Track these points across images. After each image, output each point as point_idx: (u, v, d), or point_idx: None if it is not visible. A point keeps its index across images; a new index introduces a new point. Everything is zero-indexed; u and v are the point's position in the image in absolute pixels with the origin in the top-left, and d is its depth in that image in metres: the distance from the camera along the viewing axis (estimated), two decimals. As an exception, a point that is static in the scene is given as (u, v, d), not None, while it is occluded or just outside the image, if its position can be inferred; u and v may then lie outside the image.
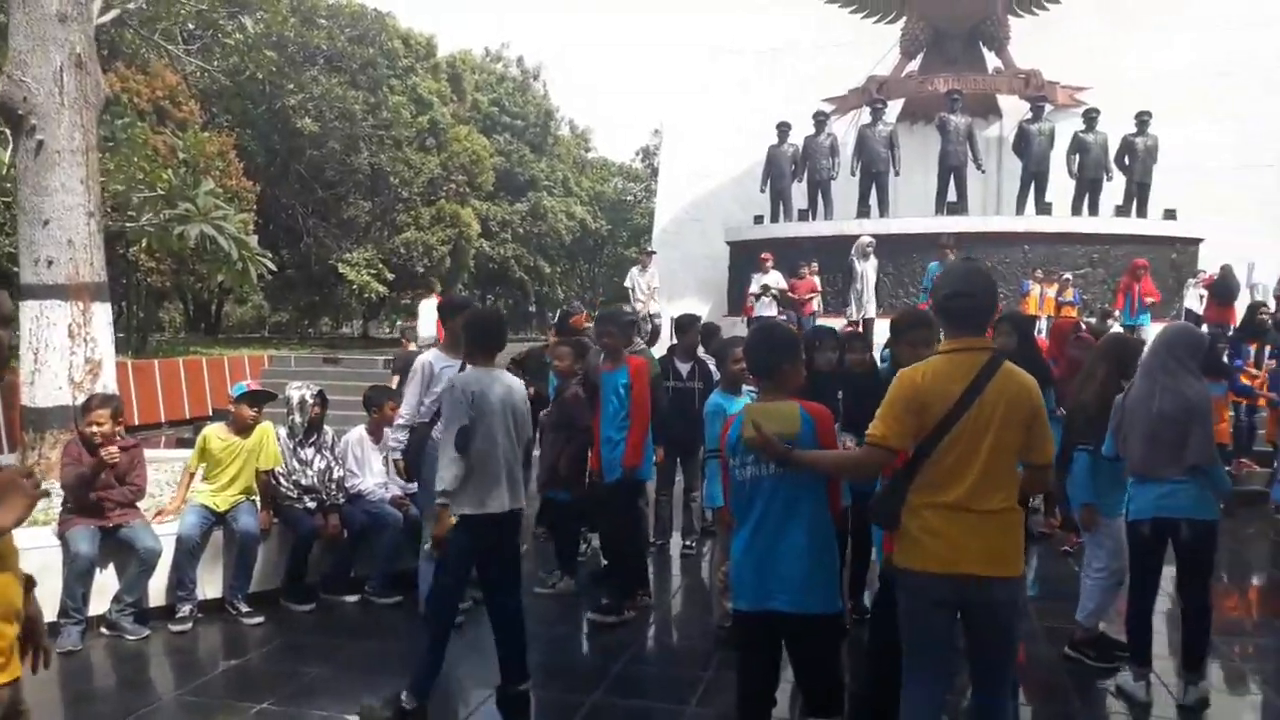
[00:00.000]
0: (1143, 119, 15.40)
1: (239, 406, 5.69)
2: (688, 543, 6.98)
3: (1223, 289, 12.84)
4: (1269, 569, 6.95)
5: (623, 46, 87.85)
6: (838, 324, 10.46)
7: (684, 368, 6.85)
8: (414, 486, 5.57)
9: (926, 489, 2.97)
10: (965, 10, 16.77)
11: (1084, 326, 8.91)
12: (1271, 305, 13.50)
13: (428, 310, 15.56)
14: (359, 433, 6.26)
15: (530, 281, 33.09)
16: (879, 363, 5.70)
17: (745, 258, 16.46)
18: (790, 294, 13.69)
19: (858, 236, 14.14)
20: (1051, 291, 13.58)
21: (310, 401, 5.93)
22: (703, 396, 6.16)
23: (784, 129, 16.69)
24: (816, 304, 13.90)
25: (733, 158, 19.79)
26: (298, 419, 5.90)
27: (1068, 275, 13.93)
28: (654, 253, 15.46)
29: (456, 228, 25.41)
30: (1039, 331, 12.99)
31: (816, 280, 14.06)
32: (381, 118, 22.60)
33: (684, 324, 7.19)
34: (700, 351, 7.32)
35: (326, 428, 6.11)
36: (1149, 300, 12.71)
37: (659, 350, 8.19)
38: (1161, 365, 4.22)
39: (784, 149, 16.67)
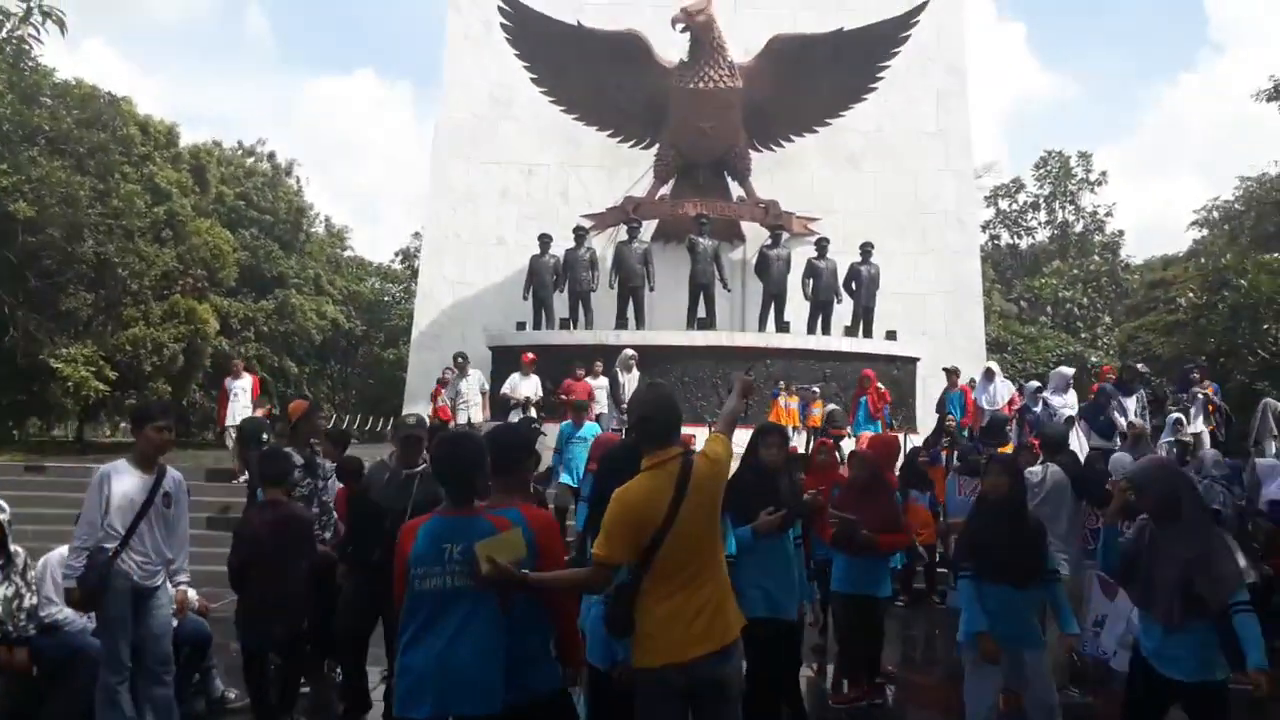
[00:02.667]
0: (866, 249, 17.11)
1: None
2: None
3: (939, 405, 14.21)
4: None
5: (385, 148, 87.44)
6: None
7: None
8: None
9: (654, 591, 3.28)
10: (712, 143, 18.05)
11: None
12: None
13: (243, 391, 14.28)
14: (60, 554, 5.50)
15: (275, 382, 31.25)
16: None
17: (508, 363, 16.44)
18: (564, 395, 13.51)
19: (617, 346, 14.53)
20: (794, 403, 14.34)
21: None
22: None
23: (546, 240, 17.08)
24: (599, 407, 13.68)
25: (494, 265, 20.01)
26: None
27: (815, 388, 14.80)
28: (467, 358, 15.07)
29: (192, 324, 23.69)
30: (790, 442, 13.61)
31: (597, 381, 13.93)
32: (112, 206, 20.87)
33: (432, 431, 7.02)
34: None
35: (18, 549, 5.33)
36: (884, 405, 13.81)
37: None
38: None
39: (546, 260, 17.02)
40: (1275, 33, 51.91)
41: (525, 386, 14.27)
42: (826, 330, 16.78)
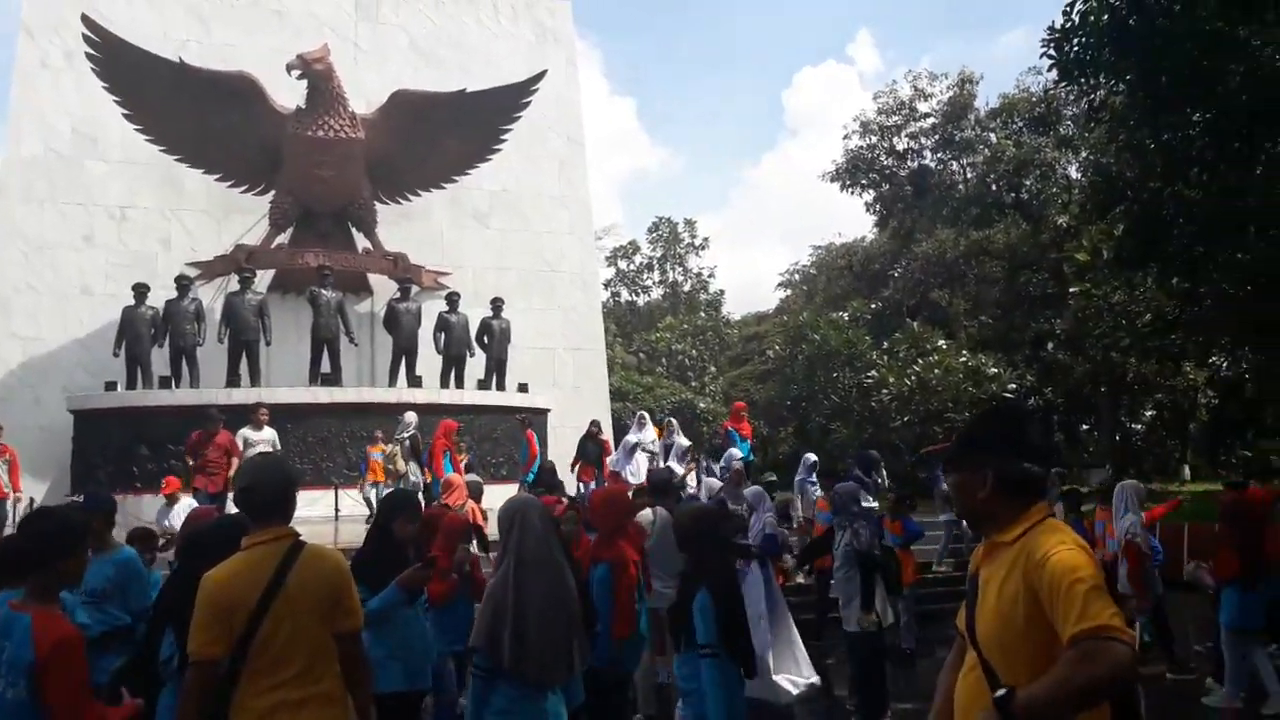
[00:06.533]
0: (496, 304, 17.41)
1: None
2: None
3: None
4: None
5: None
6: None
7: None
8: None
9: (253, 685, 2.91)
10: (333, 192, 17.38)
11: None
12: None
13: None
14: None
15: None
16: None
17: (93, 427, 14.50)
18: (190, 458, 11.80)
19: (227, 405, 13.35)
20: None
21: None
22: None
23: (142, 290, 15.34)
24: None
25: (77, 318, 17.54)
26: None
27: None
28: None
29: None
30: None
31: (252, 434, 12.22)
32: None
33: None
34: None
35: None
36: (461, 460, 13.72)
37: None
38: None
39: (142, 311, 15.27)
40: (834, 125, 61.38)
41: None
42: (460, 384, 16.74)
